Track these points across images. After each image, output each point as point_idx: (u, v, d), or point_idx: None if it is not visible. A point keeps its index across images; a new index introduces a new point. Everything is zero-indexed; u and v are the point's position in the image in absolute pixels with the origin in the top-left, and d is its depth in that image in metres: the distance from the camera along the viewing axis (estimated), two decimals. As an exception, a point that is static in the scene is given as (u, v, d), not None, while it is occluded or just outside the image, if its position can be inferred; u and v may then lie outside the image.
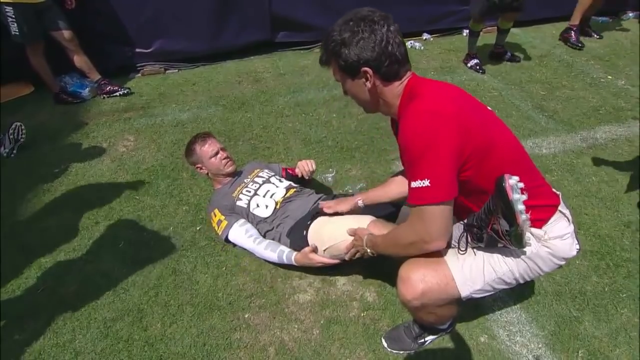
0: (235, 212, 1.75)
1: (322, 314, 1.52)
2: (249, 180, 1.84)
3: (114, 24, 3.06)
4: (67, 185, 2.19)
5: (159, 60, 3.31)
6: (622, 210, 1.93)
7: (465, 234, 1.12)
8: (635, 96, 2.83)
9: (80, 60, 2.84)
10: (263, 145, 2.47)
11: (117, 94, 2.98)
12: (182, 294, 1.62)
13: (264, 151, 2.41)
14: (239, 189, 1.81)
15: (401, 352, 1.39)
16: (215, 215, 1.75)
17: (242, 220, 1.72)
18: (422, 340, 1.38)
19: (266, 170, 1.91)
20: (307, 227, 1.56)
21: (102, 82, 2.95)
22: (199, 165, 1.86)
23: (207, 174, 1.89)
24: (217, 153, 1.83)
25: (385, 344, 1.41)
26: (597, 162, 2.24)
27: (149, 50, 3.24)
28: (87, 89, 2.98)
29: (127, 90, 3.01)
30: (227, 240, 1.72)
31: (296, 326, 1.49)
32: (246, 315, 1.53)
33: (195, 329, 1.49)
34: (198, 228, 1.90)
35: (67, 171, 2.29)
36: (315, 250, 1.50)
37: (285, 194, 1.76)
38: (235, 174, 1.90)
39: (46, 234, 1.89)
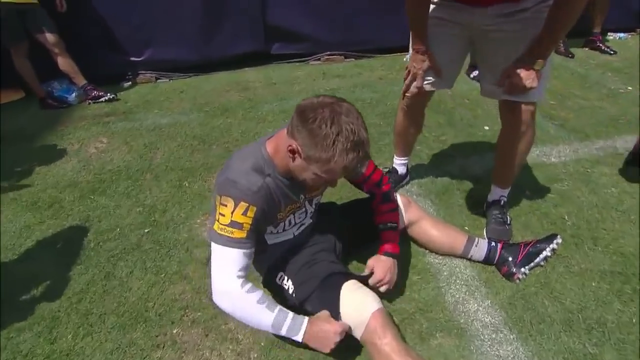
0: (262, 238, 1.20)
1: (264, 334, 1.23)
2: (303, 199, 1.21)
3: (107, 31, 3.05)
4: (23, 183, 2.04)
5: (150, 69, 3.26)
6: (649, 225, 1.59)
7: None
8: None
9: (65, 63, 2.80)
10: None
11: (103, 99, 2.91)
12: (109, 301, 1.37)
13: (239, 155, 2.22)
14: (289, 208, 1.17)
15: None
16: (237, 208, 1.02)
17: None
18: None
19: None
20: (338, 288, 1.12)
21: (88, 88, 2.90)
22: (299, 152, 0.98)
23: (286, 165, 1.06)
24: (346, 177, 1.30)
25: None
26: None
27: (140, 59, 3.21)
28: (74, 94, 2.93)
29: (113, 96, 2.94)
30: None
31: (230, 347, 1.20)
32: (174, 331, 1.26)
33: (111, 344, 1.23)
34: (147, 230, 1.68)
35: (29, 170, 2.16)
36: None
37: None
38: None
39: (-17, 231, 1.72)
